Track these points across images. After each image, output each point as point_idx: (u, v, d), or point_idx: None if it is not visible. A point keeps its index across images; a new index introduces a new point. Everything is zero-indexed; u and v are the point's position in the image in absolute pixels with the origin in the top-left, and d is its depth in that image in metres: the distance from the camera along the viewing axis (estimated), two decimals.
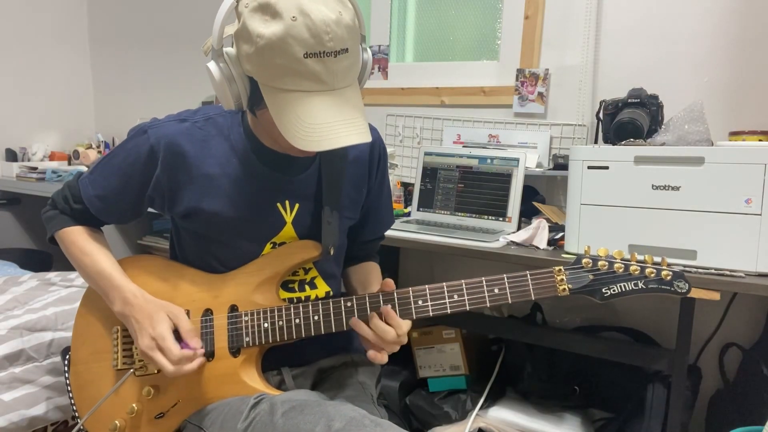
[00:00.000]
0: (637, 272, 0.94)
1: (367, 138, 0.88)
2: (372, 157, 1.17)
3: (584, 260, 0.96)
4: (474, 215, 1.77)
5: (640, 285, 0.94)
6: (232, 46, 0.92)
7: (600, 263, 0.95)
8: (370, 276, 1.22)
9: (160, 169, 1.04)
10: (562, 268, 0.96)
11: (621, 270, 0.94)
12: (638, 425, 1.49)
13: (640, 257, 0.96)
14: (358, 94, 0.93)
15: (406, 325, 0.99)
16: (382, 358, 1.00)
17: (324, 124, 0.86)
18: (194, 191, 1.05)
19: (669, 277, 0.93)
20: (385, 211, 1.26)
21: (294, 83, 0.87)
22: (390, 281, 1.04)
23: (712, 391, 1.69)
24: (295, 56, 0.84)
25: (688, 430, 1.54)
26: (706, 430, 1.67)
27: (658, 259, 0.96)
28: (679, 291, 0.92)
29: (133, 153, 1.06)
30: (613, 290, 0.94)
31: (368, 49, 0.98)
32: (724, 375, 1.65)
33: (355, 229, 1.22)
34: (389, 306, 1.00)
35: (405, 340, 1.01)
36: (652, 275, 0.93)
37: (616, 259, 0.95)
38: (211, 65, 0.91)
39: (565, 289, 0.95)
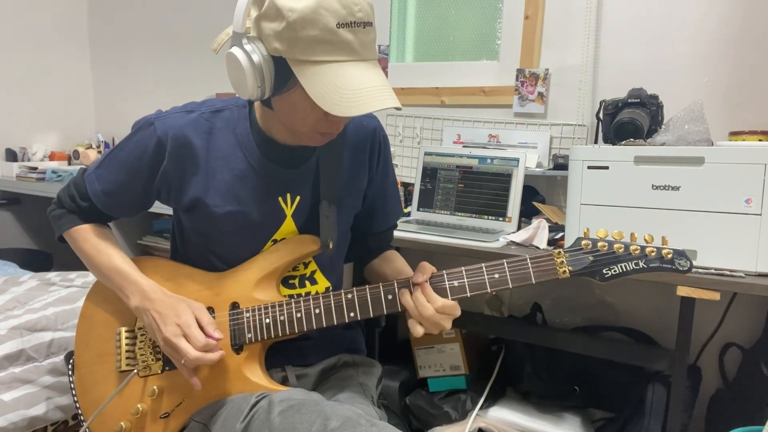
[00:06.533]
0: (637, 252, 0.92)
1: (399, 104, 0.90)
2: (373, 144, 1.17)
3: (583, 242, 0.95)
4: (474, 215, 1.77)
5: (641, 264, 0.92)
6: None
7: (599, 244, 0.94)
8: (397, 263, 1.23)
9: (168, 160, 1.04)
10: (561, 250, 0.95)
11: (621, 250, 0.93)
12: (638, 425, 1.49)
13: (640, 237, 0.95)
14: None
15: (442, 301, 0.95)
16: (417, 330, 0.96)
17: (362, 89, 0.88)
18: (200, 182, 1.05)
19: (670, 256, 0.91)
20: (392, 200, 1.26)
21: (327, 53, 0.88)
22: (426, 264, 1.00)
23: (712, 391, 1.69)
24: (328, 26, 0.86)
25: (688, 430, 1.54)
26: (706, 430, 1.67)
27: (658, 240, 0.94)
28: (681, 269, 0.91)
29: (140, 146, 1.06)
30: (614, 270, 0.93)
31: None
32: (724, 375, 1.65)
33: (365, 222, 1.22)
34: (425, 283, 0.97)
35: (447, 324, 0.97)
36: (653, 254, 0.92)
37: (615, 239, 0.94)
38: (235, 50, 0.90)
39: (565, 271, 0.94)
